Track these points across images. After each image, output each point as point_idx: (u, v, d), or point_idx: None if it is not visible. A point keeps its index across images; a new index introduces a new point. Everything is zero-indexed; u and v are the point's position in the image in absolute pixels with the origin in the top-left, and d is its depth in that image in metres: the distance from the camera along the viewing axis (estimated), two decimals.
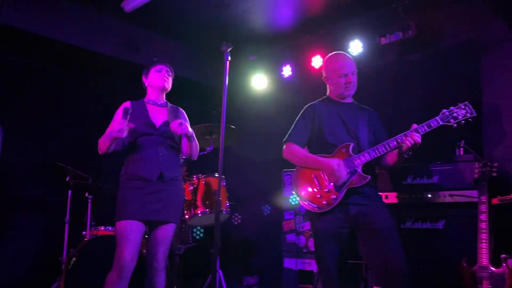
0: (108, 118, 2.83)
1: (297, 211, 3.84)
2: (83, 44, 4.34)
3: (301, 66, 4.88)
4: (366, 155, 2.59)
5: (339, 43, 4.35)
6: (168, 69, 2.89)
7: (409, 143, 2.48)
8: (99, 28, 4.47)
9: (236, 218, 4.99)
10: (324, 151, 2.69)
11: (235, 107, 5.03)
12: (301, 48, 4.86)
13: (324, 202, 2.59)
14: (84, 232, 3.80)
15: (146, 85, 2.92)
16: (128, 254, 2.54)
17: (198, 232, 4.88)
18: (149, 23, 4.65)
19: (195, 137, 2.80)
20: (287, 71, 4.99)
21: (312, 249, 3.69)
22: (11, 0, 3.87)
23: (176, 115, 2.89)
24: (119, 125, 2.62)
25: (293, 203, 4.05)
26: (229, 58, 2.53)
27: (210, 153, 3.89)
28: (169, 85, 2.89)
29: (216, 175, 3.39)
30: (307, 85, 4.80)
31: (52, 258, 3.96)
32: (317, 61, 4.65)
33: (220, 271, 3.83)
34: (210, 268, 2.78)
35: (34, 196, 4.39)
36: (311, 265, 3.62)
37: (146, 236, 2.99)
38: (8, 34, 4.01)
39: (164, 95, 2.95)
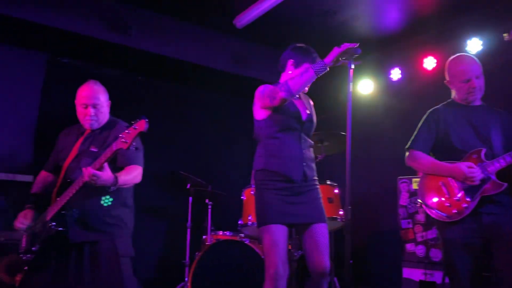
0: (222, 129, 2.69)
1: (416, 220, 3.69)
2: (199, 61, 4.66)
3: (411, 69, 4.71)
4: (502, 161, 2.42)
5: (455, 42, 4.15)
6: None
7: None
8: (213, 45, 4.76)
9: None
10: (452, 158, 2.56)
11: (341, 113, 5.00)
12: (411, 50, 4.70)
13: (454, 211, 2.47)
14: (204, 236, 4.03)
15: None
16: (281, 261, 2.30)
17: None
18: (257, 37, 4.83)
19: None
20: (395, 74, 4.85)
21: (434, 259, 3.52)
22: (140, 27, 4.30)
23: (309, 103, 2.68)
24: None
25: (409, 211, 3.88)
26: (353, 66, 2.50)
27: (322, 161, 3.93)
28: None
29: (328, 183, 3.40)
30: (417, 87, 4.62)
31: (176, 260, 4.28)
32: (429, 63, 4.46)
33: (336, 279, 3.82)
34: None
35: (158, 203, 4.77)
36: (434, 276, 3.45)
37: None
38: (138, 57, 4.48)
39: None
